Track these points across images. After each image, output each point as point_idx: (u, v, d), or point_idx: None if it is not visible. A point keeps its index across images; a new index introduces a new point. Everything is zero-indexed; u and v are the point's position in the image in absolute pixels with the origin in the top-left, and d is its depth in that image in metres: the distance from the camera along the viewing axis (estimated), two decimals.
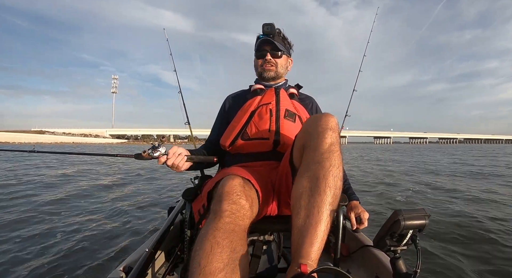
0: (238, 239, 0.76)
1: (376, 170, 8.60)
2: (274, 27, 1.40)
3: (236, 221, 0.80)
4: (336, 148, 0.89)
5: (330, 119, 0.93)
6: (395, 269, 0.92)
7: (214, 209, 0.83)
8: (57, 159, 11.74)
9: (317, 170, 0.85)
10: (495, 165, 10.49)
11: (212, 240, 0.72)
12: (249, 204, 0.86)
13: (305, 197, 0.83)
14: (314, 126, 0.93)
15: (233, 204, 0.82)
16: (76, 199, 3.73)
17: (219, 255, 0.70)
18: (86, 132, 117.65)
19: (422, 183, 5.90)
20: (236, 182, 0.89)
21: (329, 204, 0.81)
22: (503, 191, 4.89)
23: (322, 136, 0.89)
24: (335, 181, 0.84)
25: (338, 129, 0.94)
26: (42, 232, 2.41)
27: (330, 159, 0.86)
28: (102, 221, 2.76)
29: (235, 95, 1.53)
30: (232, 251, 0.72)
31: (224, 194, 0.85)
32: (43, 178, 5.92)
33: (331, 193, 0.82)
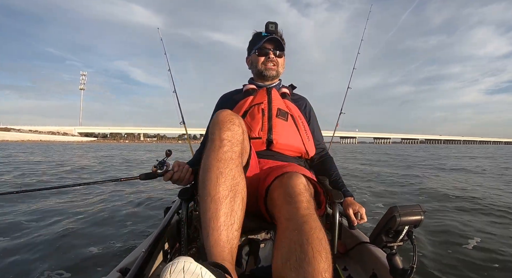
0: (235, 166, 0.87)
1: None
2: (277, 27, 1.41)
3: (232, 148, 0.89)
4: (312, 211, 0.83)
5: (296, 182, 0.91)
6: (391, 265, 0.93)
7: (212, 138, 0.91)
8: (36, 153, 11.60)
9: (298, 237, 0.74)
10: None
11: (216, 171, 0.83)
12: (241, 129, 0.95)
13: (291, 271, 0.68)
14: (281, 196, 0.90)
15: (228, 131, 0.91)
16: (67, 200, 3.70)
17: (223, 184, 0.82)
18: (54, 129, 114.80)
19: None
20: (227, 112, 0.97)
21: (325, 272, 0.67)
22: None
23: (293, 206, 0.84)
24: (323, 245, 0.72)
25: (308, 189, 0.92)
26: (35, 234, 2.38)
27: (309, 222, 0.78)
28: (97, 223, 2.73)
29: (228, 95, 1.54)
30: (232, 178, 0.84)
31: (220, 122, 0.93)
32: (31, 175, 5.85)
33: (323, 258, 0.69)
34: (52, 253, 2.01)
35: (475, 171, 8.24)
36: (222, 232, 0.76)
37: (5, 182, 5.26)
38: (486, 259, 2.00)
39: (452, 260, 2.00)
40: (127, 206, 3.45)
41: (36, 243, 2.19)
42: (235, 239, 0.78)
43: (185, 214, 1.16)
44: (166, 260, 1.29)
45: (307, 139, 1.37)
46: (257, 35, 1.46)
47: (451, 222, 2.82)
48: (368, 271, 1.18)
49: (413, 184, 5.41)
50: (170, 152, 1.14)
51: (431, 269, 1.85)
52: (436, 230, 2.57)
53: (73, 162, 10.50)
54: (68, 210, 3.19)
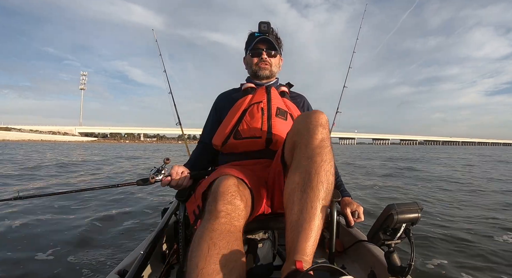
0: (234, 240, 0.77)
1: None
2: (270, 26, 1.41)
3: (231, 222, 0.80)
4: (327, 144, 0.89)
5: (320, 116, 0.93)
6: (389, 262, 0.93)
7: (209, 210, 0.83)
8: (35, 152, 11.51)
9: (309, 166, 0.85)
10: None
11: (209, 241, 0.73)
12: (243, 204, 0.86)
13: (298, 193, 0.83)
14: (304, 123, 0.93)
15: (228, 204, 0.82)
16: (63, 202, 3.68)
17: (215, 256, 0.70)
18: (54, 129, 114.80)
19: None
20: (230, 182, 0.89)
21: (322, 199, 0.81)
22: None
23: (312, 133, 0.89)
24: (327, 176, 0.84)
25: (329, 126, 0.94)
26: (32, 236, 2.37)
27: (321, 154, 0.86)
28: (94, 224, 2.72)
29: (226, 94, 1.53)
30: (229, 252, 0.72)
31: (219, 194, 0.84)
32: (32, 176, 5.81)
33: (324, 188, 0.82)
34: (50, 255, 2.01)
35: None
36: None
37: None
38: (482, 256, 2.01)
39: (452, 257, 2.01)
40: (124, 208, 3.44)
41: (33, 245, 2.18)
42: None
43: (183, 215, 1.15)
44: (164, 261, 1.29)
45: None
46: (251, 35, 1.46)
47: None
48: (366, 269, 1.18)
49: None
50: (168, 160, 1.16)
51: (429, 267, 1.86)
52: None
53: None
54: (65, 211, 3.18)
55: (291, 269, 0.71)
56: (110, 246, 2.19)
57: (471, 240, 2.35)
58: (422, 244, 2.24)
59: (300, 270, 0.69)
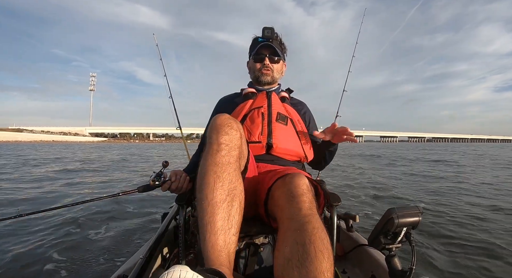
0: (233, 170, 0.86)
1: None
2: (274, 31, 1.41)
3: (230, 153, 0.88)
4: (314, 211, 0.83)
5: (299, 183, 0.91)
6: (390, 267, 0.93)
7: (210, 142, 0.90)
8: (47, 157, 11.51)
9: (300, 236, 0.75)
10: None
11: (214, 175, 0.83)
12: (239, 134, 0.94)
13: (294, 269, 0.70)
14: (284, 196, 0.90)
15: (225, 135, 0.90)
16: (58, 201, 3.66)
17: (220, 188, 0.81)
18: (65, 130, 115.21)
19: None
20: (225, 116, 0.97)
21: (327, 271, 0.68)
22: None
23: (295, 204, 0.84)
24: (325, 245, 0.73)
25: (311, 190, 0.92)
26: (32, 239, 2.36)
27: (312, 222, 0.78)
28: (93, 229, 2.72)
29: (227, 98, 1.53)
30: (230, 182, 0.83)
31: (218, 126, 0.92)
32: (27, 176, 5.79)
33: (325, 258, 0.70)
34: (50, 259, 2.00)
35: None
36: (219, 237, 0.75)
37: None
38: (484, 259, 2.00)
39: (451, 261, 2.00)
40: (124, 212, 3.43)
41: (33, 250, 2.17)
42: (232, 244, 0.78)
43: (183, 219, 1.15)
44: (164, 266, 1.28)
45: (306, 143, 1.36)
46: (254, 40, 1.46)
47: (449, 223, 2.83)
48: (367, 274, 1.18)
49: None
50: (166, 162, 1.16)
51: (431, 271, 1.85)
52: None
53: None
54: (65, 214, 3.17)
55: None
56: (110, 251, 2.18)
57: (477, 244, 2.34)
58: (424, 247, 2.23)
59: None
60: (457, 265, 1.95)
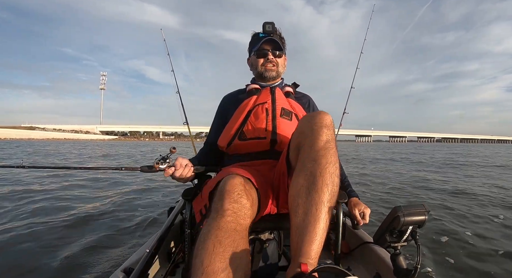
0: (240, 238, 0.77)
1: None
2: (274, 26, 1.40)
3: (237, 220, 0.80)
4: (332, 145, 0.88)
5: (324, 117, 0.92)
6: (395, 265, 0.92)
7: (216, 208, 0.83)
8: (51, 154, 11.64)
9: (313, 168, 0.84)
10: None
11: (214, 239, 0.73)
12: (250, 203, 0.86)
13: (303, 195, 0.82)
14: (308, 125, 0.92)
15: (234, 203, 0.82)
16: (68, 199, 3.71)
17: (221, 254, 0.70)
18: (76, 128, 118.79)
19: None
20: (237, 181, 0.89)
21: (327, 202, 0.80)
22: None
23: (317, 134, 0.88)
24: (332, 178, 0.83)
25: (334, 127, 0.94)
26: (37, 232, 2.40)
27: (326, 156, 0.86)
28: (100, 223, 2.75)
29: (231, 95, 1.53)
30: (234, 250, 0.72)
31: (226, 193, 0.85)
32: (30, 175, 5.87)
33: (329, 190, 0.82)
34: (56, 252, 2.03)
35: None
36: None
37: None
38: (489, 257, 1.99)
39: (456, 260, 1.99)
40: (131, 206, 3.47)
41: (37, 241, 2.21)
42: None
43: (189, 214, 1.16)
44: (170, 260, 1.29)
45: None
46: (255, 36, 1.45)
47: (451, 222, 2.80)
48: (371, 271, 1.18)
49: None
50: (174, 148, 1.14)
51: (435, 270, 1.84)
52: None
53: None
54: (71, 205, 3.22)
55: (296, 271, 0.72)
56: (116, 244, 2.21)
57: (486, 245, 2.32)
58: (430, 246, 2.22)
59: (305, 273, 0.69)
60: (465, 264, 1.94)
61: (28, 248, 2.10)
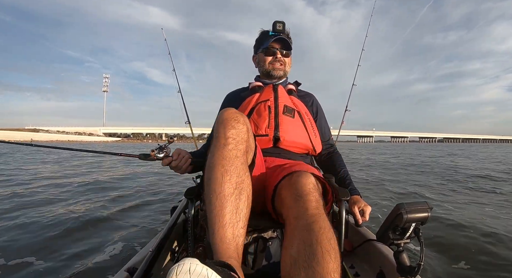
0: (240, 164, 0.86)
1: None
2: (285, 26, 1.40)
3: (237, 146, 0.88)
4: (321, 210, 0.83)
5: (306, 182, 0.91)
6: (398, 262, 0.92)
7: (217, 136, 0.91)
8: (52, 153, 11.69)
9: (307, 236, 0.75)
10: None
11: (221, 168, 0.83)
12: (246, 127, 0.93)
13: (301, 270, 0.69)
14: (290, 195, 0.90)
15: (232, 129, 0.90)
16: (69, 198, 3.73)
17: (228, 181, 0.82)
18: (80, 130, 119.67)
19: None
20: (232, 110, 0.97)
21: (334, 272, 0.68)
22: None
23: (302, 204, 0.85)
24: (332, 245, 0.72)
25: (317, 188, 0.92)
26: (41, 231, 2.41)
27: (318, 221, 0.78)
28: (104, 222, 2.76)
29: (234, 93, 1.53)
30: (237, 175, 0.84)
31: (224, 120, 0.92)
32: (37, 173, 5.89)
33: (332, 258, 0.69)
34: (59, 252, 2.04)
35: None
36: (228, 229, 0.76)
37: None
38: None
39: (460, 257, 1.98)
40: (134, 205, 3.48)
41: (41, 239, 2.22)
42: (241, 237, 0.78)
43: (192, 213, 1.16)
44: (173, 259, 1.30)
45: (314, 135, 1.36)
46: (264, 34, 1.46)
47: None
48: (375, 269, 1.17)
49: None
50: (172, 139, 1.17)
51: (438, 267, 1.83)
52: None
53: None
54: (73, 204, 3.23)
55: None
56: (119, 244, 2.22)
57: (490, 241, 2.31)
58: (433, 243, 2.21)
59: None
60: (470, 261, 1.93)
61: (30, 249, 2.11)
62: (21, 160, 10.34)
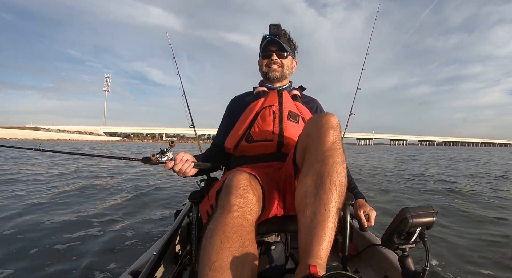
0: (247, 234, 0.78)
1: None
2: (280, 28, 1.41)
3: (244, 215, 0.81)
4: (338, 146, 0.89)
5: (330, 118, 0.93)
6: (403, 267, 0.92)
7: (222, 204, 0.84)
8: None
9: (321, 168, 0.84)
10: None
11: (222, 235, 0.74)
12: (256, 198, 0.87)
13: (311, 195, 0.82)
14: (315, 126, 0.93)
15: (240, 198, 0.83)
16: (74, 201, 3.74)
17: (228, 250, 0.71)
18: (81, 129, 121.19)
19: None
20: (243, 176, 0.90)
21: (335, 201, 0.80)
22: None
23: (323, 135, 0.89)
24: (339, 178, 0.83)
25: (340, 128, 0.94)
26: (45, 234, 2.42)
27: (333, 156, 0.85)
28: (108, 225, 2.76)
29: (239, 98, 1.54)
30: (241, 245, 0.74)
31: (232, 188, 0.85)
32: (40, 175, 5.92)
33: (337, 190, 0.81)
34: (63, 254, 2.05)
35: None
36: None
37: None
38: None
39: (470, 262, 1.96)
40: (138, 209, 3.48)
41: (44, 243, 2.23)
42: None
43: (196, 216, 1.16)
44: (177, 262, 1.30)
45: None
46: (263, 38, 1.47)
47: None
48: (379, 274, 1.17)
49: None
50: (173, 142, 1.14)
51: (443, 272, 1.82)
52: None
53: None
54: (78, 208, 3.24)
55: (305, 273, 0.70)
56: (122, 247, 2.22)
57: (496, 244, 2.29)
58: (438, 248, 2.19)
59: (315, 275, 0.67)
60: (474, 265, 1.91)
61: (32, 250, 2.11)
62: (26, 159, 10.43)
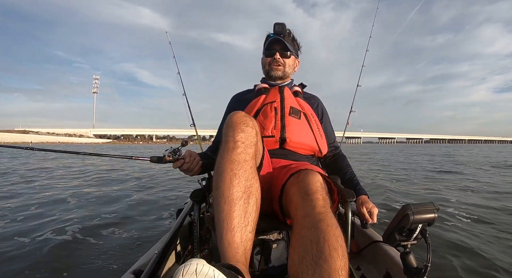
0: (249, 168, 0.86)
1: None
2: (285, 27, 1.42)
3: (246, 150, 0.89)
4: (328, 208, 0.83)
5: (313, 180, 0.92)
6: (405, 264, 0.92)
7: (226, 140, 0.91)
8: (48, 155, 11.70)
9: (313, 235, 0.74)
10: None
11: (230, 172, 0.83)
12: (254, 131, 0.94)
13: (308, 268, 0.68)
14: (297, 192, 0.91)
15: (241, 133, 0.91)
16: (76, 200, 3.75)
17: (237, 185, 0.82)
18: (70, 132, 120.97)
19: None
20: (240, 114, 0.97)
21: (341, 270, 0.67)
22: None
23: (309, 202, 0.85)
24: (339, 242, 0.71)
25: (324, 187, 0.93)
26: (45, 234, 2.42)
27: (325, 219, 0.77)
28: (109, 225, 2.76)
29: (240, 95, 1.55)
30: (246, 179, 0.84)
31: (233, 125, 0.92)
32: (41, 172, 5.93)
33: (340, 256, 0.68)
34: (65, 253, 2.05)
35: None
36: (236, 234, 0.75)
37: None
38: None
39: (471, 258, 1.96)
40: (140, 207, 3.49)
41: (48, 242, 2.23)
42: (249, 241, 0.78)
43: (197, 215, 1.16)
44: (179, 261, 1.30)
45: (320, 137, 1.37)
46: (267, 36, 1.48)
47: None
48: (381, 271, 1.17)
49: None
50: (186, 142, 1.18)
51: (446, 268, 1.82)
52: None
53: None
54: (79, 207, 3.25)
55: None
56: (124, 246, 2.23)
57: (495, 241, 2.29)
58: (439, 244, 2.19)
59: None
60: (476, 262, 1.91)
61: (34, 251, 2.12)
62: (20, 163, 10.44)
